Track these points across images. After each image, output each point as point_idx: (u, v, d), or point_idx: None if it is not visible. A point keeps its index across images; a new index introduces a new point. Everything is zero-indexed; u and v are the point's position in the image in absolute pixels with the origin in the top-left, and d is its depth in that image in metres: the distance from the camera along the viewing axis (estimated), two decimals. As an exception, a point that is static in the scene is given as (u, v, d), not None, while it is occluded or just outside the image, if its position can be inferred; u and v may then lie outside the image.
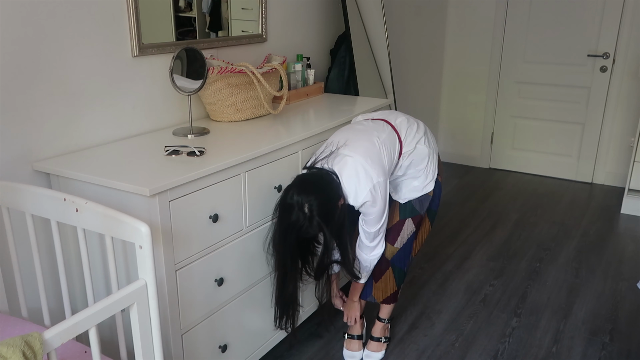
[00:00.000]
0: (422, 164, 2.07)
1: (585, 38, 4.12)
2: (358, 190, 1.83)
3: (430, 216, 2.25)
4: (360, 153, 1.85)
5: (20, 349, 0.99)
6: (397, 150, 1.98)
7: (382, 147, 1.91)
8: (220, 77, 2.14)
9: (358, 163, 1.83)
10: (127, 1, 1.93)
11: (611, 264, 3.07)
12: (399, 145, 2.00)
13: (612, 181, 4.35)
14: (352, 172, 1.82)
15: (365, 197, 1.83)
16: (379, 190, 1.85)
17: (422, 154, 2.06)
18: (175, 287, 1.64)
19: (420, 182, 2.10)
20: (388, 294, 2.17)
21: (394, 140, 1.98)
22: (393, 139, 1.98)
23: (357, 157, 1.84)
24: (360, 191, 1.83)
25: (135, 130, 2.07)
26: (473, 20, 4.50)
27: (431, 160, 2.10)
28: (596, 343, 2.37)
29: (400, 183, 2.11)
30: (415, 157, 2.04)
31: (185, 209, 1.63)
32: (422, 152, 2.06)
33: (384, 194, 1.88)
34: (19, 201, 1.51)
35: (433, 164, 2.12)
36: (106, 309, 1.18)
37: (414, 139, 2.03)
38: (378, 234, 1.96)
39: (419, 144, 2.04)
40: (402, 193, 2.12)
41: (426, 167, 2.09)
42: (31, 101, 1.70)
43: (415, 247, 2.19)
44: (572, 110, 4.34)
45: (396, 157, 1.98)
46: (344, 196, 1.84)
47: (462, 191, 4.23)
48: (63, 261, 1.55)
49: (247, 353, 2.03)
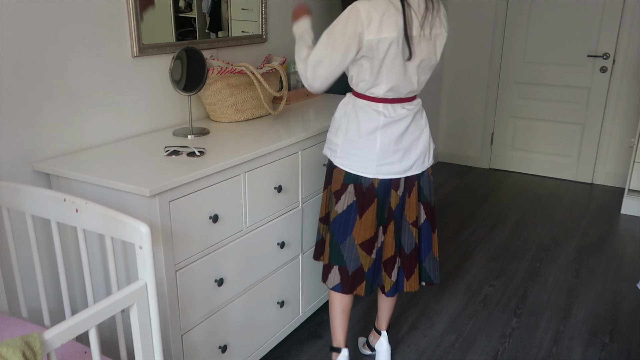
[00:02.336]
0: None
1: (585, 38, 4.13)
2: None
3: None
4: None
5: (20, 350, 0.99)
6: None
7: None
8: (220, 78, 2.14)
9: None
10: (127, 1, 1.93)
11: (611, 265, 3.07)
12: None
13: (612, 182, 4.35)
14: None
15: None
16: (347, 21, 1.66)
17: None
18: (175, 287, 1.64)
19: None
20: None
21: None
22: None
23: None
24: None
25: (135, 131, 2.07)
26: (473, 20, 4.51)
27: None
28: (596, 343, 2.37)
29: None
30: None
31: (185, 209, 1.63)
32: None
33: (343, 29, 1.67)
34: (19, 201, 1.51)
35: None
36: (106, 310, 1.18)
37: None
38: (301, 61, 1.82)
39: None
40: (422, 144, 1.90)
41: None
42: (31, 101, 1.70)
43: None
44: (572, 111, 4.34)
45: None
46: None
47: (462, 191, 4.23)
48: (63, 261, 1.55)
49: (247, 353, 2.03)
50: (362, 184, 1.83)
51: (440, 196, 4.13)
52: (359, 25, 1.64)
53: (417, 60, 1.74)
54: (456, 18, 4.56)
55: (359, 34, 1.66)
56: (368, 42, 1.65)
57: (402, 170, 1.84)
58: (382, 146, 1.79)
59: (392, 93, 1.77)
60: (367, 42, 1.66)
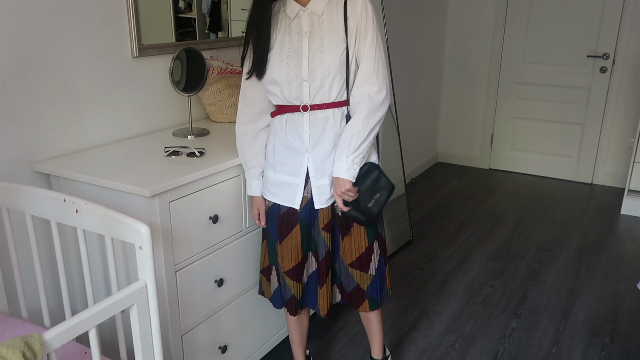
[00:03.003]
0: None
1: (585, 39, 4.12)
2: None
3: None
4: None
5: (20, 350, 0.99)
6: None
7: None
8: (220, 78, 2.14)
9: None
10: (127, 2, 1.93)
11: (611, 265, 3.07)
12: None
13: (612, 182, 4.35)
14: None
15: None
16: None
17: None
18: (175, 287, 1.64)
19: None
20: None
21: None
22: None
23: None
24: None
25: (135, 131, 2.07)
26: (473, 20, 4.51)
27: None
28: (596, 344, 2.37)
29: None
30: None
31: (185, 209, 1.63)
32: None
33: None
34: (19, 202, 1.51)
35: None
36: (106, 310, 1.18)
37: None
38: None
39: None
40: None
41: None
42: (31, 102, 1.70)
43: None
44: (572, 111, 4.34)
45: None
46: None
47: (462, 192, 4.23)
48: (63, 262, 1.55)
49: (247, 354, 2.03)
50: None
51: (440, 196, 4.13)
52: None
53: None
54: (456, 18, 4.56)
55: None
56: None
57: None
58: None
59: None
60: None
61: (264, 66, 1.62)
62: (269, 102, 1.71)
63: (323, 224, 1.73)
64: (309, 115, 1.64)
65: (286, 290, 1.83)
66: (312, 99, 1.62)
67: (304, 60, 1.59)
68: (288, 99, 1.63)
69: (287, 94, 1.62)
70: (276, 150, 1.70)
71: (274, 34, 1.62)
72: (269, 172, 1.74)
